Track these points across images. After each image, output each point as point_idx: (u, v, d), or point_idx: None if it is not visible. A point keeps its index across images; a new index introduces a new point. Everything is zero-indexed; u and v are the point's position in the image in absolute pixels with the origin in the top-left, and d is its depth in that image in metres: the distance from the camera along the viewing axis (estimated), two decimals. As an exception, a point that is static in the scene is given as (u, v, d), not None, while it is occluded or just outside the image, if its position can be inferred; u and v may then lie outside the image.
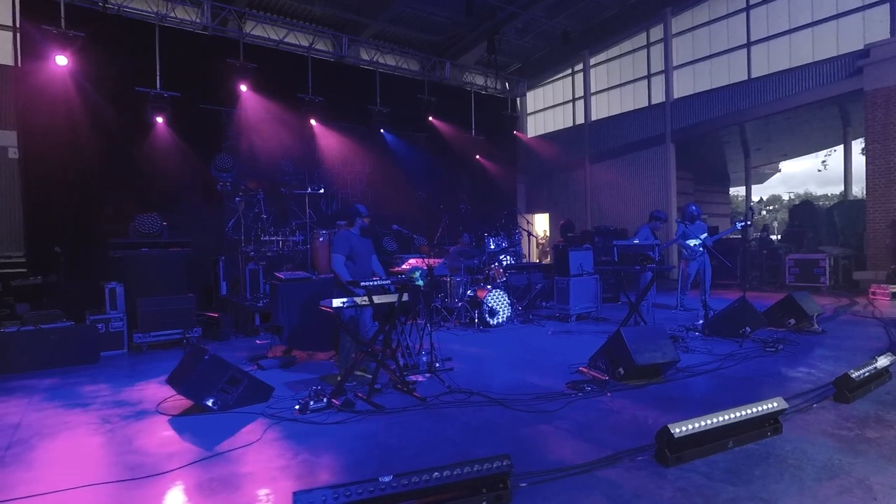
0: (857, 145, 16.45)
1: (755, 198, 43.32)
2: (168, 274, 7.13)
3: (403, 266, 5.90)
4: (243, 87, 10.65)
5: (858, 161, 12.29)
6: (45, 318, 6.01)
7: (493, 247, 10.90)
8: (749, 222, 7.59)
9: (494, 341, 6.83)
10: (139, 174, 9.35)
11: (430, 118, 13.71)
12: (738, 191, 21.94)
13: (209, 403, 4.08)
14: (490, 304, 7.59)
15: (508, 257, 10.78)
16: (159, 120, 9.77)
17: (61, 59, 8.81)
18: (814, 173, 70.46)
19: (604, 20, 15.68)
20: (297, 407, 4.05)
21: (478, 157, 14.74)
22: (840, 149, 16.23)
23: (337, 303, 4.21)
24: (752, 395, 4.19)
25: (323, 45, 12.88)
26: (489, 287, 7.74)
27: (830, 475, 2.79)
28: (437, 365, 5.20)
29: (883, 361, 4.33)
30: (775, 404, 3.27)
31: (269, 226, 8.21)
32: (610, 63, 16.61)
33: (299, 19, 12.65)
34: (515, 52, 17.17)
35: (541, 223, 19.71)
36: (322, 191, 8.85)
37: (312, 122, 11.71)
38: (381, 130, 12.78)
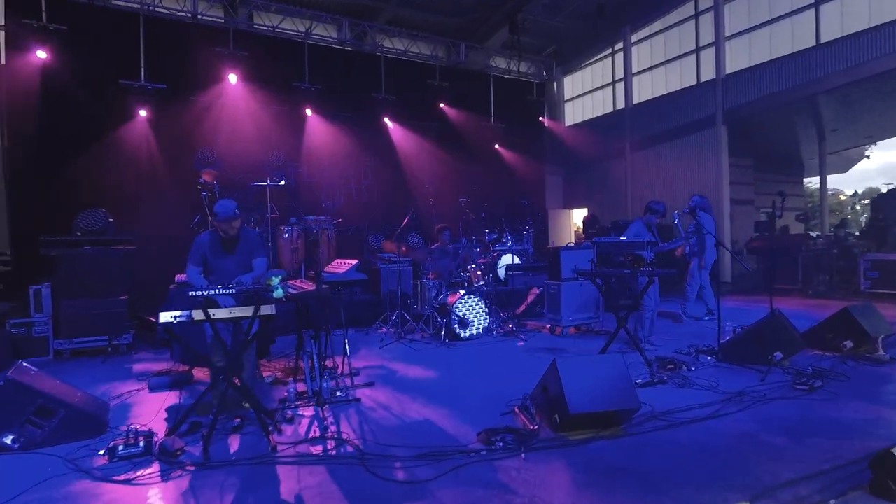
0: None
1: (848, 190, 38.35)
2: (106, 275, 6.49)
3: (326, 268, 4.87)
4: (233, 77, 10.07)
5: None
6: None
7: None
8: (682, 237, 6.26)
9: (450, 360, 5.60)
10: (119, 169, 8.97)
11: (442, 105, 12.61)
12: (814, 181, 18.98)
13: (8, 441, 3.26)
14: (460, 313, 6.34)
15: (514, 256, 9.49)
16: (143, 113, 9.38)
17: (41, 54, 8.61)
18: (919, 162, 62.07)
19: (644, -11, 13.84)
20: (101, 452, 3.13)
21: (497, 146, 13.46)
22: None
23: (166, 317, 3.26)
24: (735, 468, 2.80)
25: (323, 30, 12.10)
26: (461, 292, 6.50)
27: None
28: (339, 394, 4.13)
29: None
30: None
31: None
32: (653, 39, 14.68)
33: (301, 5, 11.89)
34: (547, 33, 15.58)
35: (580, 219, 18.02)
36: (283, 182, 7.97)
37: (308, 111, 10.97)
38: (385, 119, 11.83)
